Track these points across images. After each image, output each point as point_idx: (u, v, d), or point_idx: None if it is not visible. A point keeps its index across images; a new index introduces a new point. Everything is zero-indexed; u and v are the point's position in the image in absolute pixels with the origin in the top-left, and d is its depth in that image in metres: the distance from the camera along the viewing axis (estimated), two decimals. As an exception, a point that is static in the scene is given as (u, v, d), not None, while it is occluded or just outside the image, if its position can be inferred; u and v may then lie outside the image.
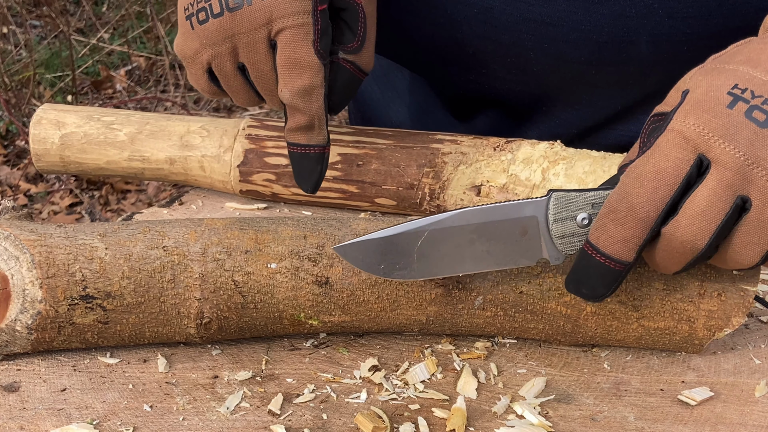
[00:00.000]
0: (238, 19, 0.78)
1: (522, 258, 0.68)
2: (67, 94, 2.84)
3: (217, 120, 1.02)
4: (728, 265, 0.65)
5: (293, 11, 0.78)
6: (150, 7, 2.88)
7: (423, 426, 0.67)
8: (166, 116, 1.03)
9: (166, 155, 0.99)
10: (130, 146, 0.99)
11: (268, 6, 0.78)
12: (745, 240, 0.62)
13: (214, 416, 0.67)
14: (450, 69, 1.00)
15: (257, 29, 0.79)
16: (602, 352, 0.77)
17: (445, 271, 0.69)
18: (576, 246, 0.66)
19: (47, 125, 1.00)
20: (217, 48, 0.80)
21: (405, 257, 0.68)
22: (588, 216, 0.66)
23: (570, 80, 0.95)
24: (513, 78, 0.98)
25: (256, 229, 0.73)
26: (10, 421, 0.66)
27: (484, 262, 0.68)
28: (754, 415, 0.69)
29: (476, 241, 0.67)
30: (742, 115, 0.61)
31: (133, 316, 0.71)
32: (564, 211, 0.66)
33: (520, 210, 0.67)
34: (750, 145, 0.60)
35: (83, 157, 1.00)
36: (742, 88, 0.62)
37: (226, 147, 0.98)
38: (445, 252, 0.68)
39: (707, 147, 0.61)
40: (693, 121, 0.62)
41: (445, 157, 0.93)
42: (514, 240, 0.67)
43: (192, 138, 0.99)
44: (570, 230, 0.66)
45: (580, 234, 0.66)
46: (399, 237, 0.68)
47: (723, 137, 0.61)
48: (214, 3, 0.79)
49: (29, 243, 0.70)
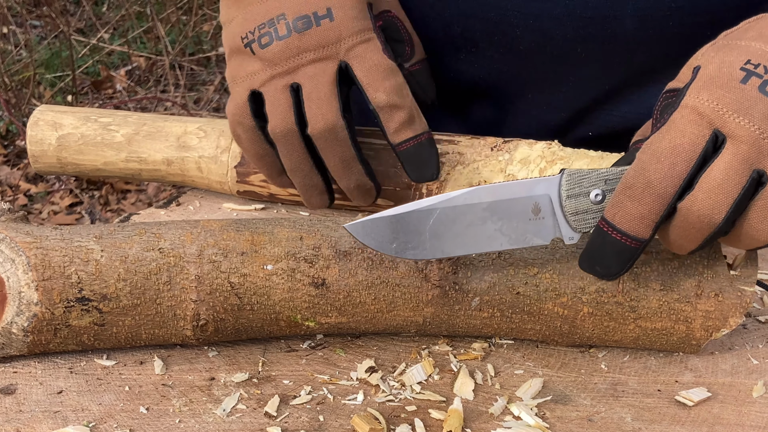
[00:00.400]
0: (307, 38, 0.83)
1: (535, 237, 0.68)
2: (67, 94, 2.84)
3: (214, 121, 1.01)
4: (743, 244, 0.65)
5: (360, 29, 0.84)
6: (150, 7, 2.88)
7: (420, 427, 0.67)
8: (163, 117, 1.02)
9: (163, 156, 0.99)
10: (127, 147, 0.99)
11: (337, 26, 0.84)
12: (763, 214, 0.62)
13: (211, 418, 0.67)
14: (439, 51, 1.00)
15: (326, 46, 0.84)
16: (599, 353, 0.77)
17: (458, 250, 0.68)
18: (590, 224, 0.66)
19: (44, 126, 1.00)
20: (278, 68, 0.84)
21: (417, 236, 0.68)
22: (602, 192, 0.66)
23: (556, 59, 0.96)
24: (500, 58, 0.98)
25: (252, 230, 0.73)
26: (6, 424, 0.65)
27: (497, 241, 0.68)
28: (752, 415, 0.69)
29: (488, 219, 0.67)
30: (756, 90, 0.61)
31: (129, 318, 0.71)
32: (577, 187, 0.66)
33: (532, 188, 0.67)
34: (765, 119, 0.60)
35: (80, 158, 1.00)
36: (755, 64, 0.63)
37: (223, 148, 0.97)
38: (457, 231, 0.67)
39: (722, 122, 0.61)
40: (707, 96, 0.62)
41: (442, 157, 0.93)
42: (527, 218, 0.67)
43: (189, 139, 0.98)
44: (584, 207, 0.66)
45: (593, 211, 0.66)
46: (411, 215, 0.68)
47: (737, 112, 0.61)
48: (280, 26, 0.84)
49: (25, 245, 0.69)
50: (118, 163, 1.00)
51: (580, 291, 0.72)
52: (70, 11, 3.36)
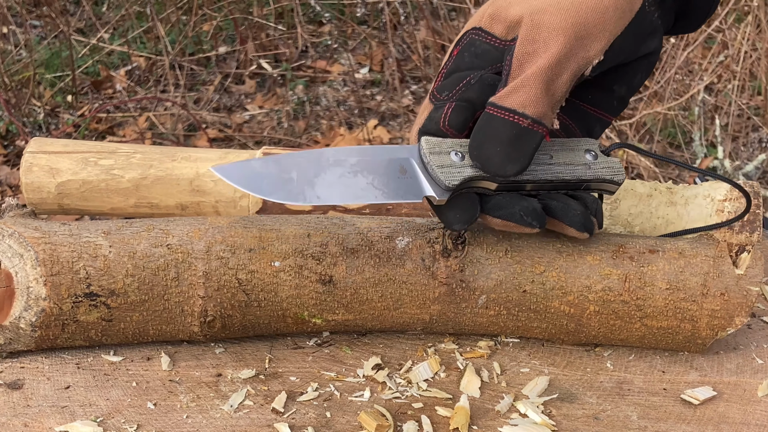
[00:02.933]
0: None
1: (407, 194, 0.67)
2: (67, 94, 2.84)
3: (226, 158, 0.93)
4: None
5: None
6: (150, 7, 2.88)
7: (426, 424, 0.67)
8: (169, 155, 0.94)
9: (176, 201, 0.92)
10: (135, 193, 0.92)
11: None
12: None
13: (218, 414, 0.67)
14: None
15: None
16: (605, 352, 0.77)
17: (333, 198, 0.66)
18: (457, 177, 0.66)
19: (40, 173, 0.92)
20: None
21: (289, 182, 0.66)
22: (461, 153, 0.67)
23: None
24: None
25: (259, 227, 0.73)
26: (14, 419, 0.66)
27: (371, 193, 0.67)
28: (757, 414, 0.69)
29: (359, 173, 0.67)
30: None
31: (136, 314, 0.71)
32: (437, 148, 0.67)
33: (394, 152, 0.68)
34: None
35: (85, 205, 0.93)
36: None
37: (242, 193, 0.90)
38: (329, 180, 0.66)
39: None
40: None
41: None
42: (396, 177, 0.67)
43: (203, 183, 0.91)
44: (448, 162, 0.67)
45: (458, 166, 0.66)
46: (281, 160, 0.66)
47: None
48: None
49: (33, 240, 0.70)
50: (127, 208, 0.93)
51: (587, 289, 0.72)
52: (70, 11, 3.36)
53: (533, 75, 0.64)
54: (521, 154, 0.65)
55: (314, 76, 2.94)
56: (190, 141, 2.62)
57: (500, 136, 0.65)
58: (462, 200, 0.68)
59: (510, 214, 0.67)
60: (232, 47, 3.07)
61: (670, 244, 0.74)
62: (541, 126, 0.65)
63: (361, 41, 3.13)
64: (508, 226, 0.68)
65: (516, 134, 0.64)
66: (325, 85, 2.92)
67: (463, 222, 0.68)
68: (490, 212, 0.68)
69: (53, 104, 2.79)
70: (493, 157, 0.65)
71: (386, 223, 0.74)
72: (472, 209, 0.68)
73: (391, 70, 2.87)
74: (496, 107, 0.65)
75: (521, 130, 0.64)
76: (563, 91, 0.66)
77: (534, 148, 0.65)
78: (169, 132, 2.62)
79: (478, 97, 0.68)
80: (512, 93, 0.65)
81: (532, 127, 0.65)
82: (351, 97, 2.83)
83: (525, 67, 0.66)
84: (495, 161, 0.65)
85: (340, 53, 3.04)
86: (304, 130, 2.68)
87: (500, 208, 0.68)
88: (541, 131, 0.65)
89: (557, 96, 0.66)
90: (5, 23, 3.07)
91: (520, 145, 0.65)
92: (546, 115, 0.65)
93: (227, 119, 2.72)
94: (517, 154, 0.65)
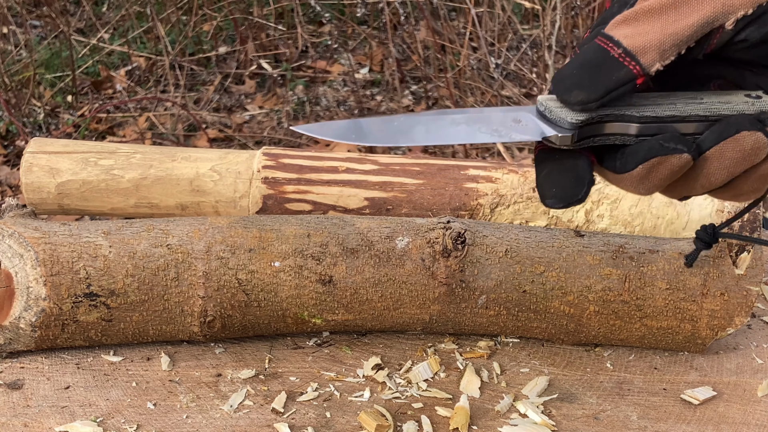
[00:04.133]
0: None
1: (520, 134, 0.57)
2: (67, 94, 2.84)
3: (226, 158, 0.93)
4: None
5: None
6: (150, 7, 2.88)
7: (426, 424, 0.67)
8: (169, 154, 0.94)
9: (176, 201, 0.92)
10: (135, 193, 0.92)
11: None
12: None
13: (218, 414, 0.67)
14: None
15: None
16: (605, 352, 0.77)
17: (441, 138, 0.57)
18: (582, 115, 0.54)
19: (40, 173, 0.92)
20: None
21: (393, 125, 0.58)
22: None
23: None
24: None
25: (259, 227, 0.73)
26: (14, 419, 0.66)
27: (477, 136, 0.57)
28: (757, 414, 0.69)
29: (462, 124, 0.58)
30: None
31: (136, 314, 0.71)
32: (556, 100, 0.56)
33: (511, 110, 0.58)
34: None
35: (85, 205, 0.94)
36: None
37: (242, 193, 0.90)
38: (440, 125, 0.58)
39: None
40: None
41: (481, 198, 0.87)
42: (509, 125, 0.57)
43: (203, 183, 0.91)
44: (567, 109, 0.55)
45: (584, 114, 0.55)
46: (371, 122, 0.58)
47: None
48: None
49: (33, 241, 0.70)
50: (127, 208, 0.93)
51: (587, 289, 0.72)
52: (70, 11, 3.36)
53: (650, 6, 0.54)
54: (595, 83, 0.53)
55: (314, 76, 2.94)
56: (190, 141, 2.62)
57: (584, 58, 0.54)
58: (565, 173, 0.56)
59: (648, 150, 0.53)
60: (232, 47, 3.07)
61: (670, 244, 0.74)
62: (634, 62, 0.53)
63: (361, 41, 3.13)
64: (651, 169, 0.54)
65: (600, 60, 0.54)
66: (325, 85, 2.92)
67: (559, 200, 0.55)
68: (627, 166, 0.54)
69: (53, 104, 2.79)
70: (566, 79, 0.54)
71: (386, 223, 0.74)
72: (575, 187, 0.55)
73: (391, 70, 2.87)
74: (601, 35, 0.55)
75: (607, 58, 0.54)
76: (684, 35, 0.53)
77: (615, 82, 0.53)
78: (169, 132, 2.62)
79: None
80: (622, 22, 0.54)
81: (621, 59, 0.53)
82: (351, 97, 2.83)
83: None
84: (565, 83, 0.54)
85: (340, 53, 3.04)
86: (305, 130, 2.67)
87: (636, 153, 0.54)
88: (632, 67, 0.53)
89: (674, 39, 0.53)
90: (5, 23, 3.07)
91: (598, 73, 0.54)
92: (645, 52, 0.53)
93: (227, 119, 2.72)
94: (590, 81, 0.53)
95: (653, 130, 0.55)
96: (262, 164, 0.90)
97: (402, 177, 0.89)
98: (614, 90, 0.54)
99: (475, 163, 0.90)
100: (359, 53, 3.15)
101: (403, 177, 0.89)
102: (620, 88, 0.53)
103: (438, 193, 0.88)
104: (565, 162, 0.55)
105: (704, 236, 0.69)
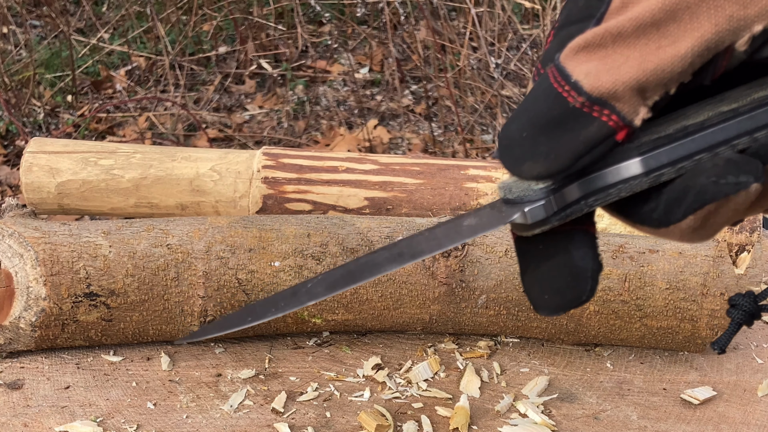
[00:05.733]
0: None
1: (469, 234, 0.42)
2: (67, 94, 2.84)
3: (226, 157, 0.93)
4: None
5: None
6: (150, 7, 2.88)
7: (426, 424, 0.67)
8: (169, 154, 0.93)
9: (176, 201, 0.92)
10: (135, 193, 0.92)
11: None
12: None
13: (218, 414, 0.67)
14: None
15: None
16: (605, 352, 0.77)
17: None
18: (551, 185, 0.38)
19: (40, 173, 0.91)
20: None
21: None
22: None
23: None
24: None
25: (259, 227, 0.73)
26: (14, 419, 0.66)
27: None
28: (757, 414, 0.69)
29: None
30: None
31: (136, 314, 0.71)
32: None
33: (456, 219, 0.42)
34: None
35: (85, 204, 0.93)
36: None
37: (242, 193, 0.90)
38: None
39: None
40: None
41: (481, 198, 0.87)
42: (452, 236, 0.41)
43: (203, 183, 0.90)
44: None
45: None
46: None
47: None
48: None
49: (33, 240, 0.70)
50: (127, 208, 0.93)
51: (587, 289, 0.72)
52: (70, 11, 3.36)
53: (621, 27, 0.37)
54: (556, 149, 0.37)
55: (314, 76, 2.94)
56: (190, 141, 2.62)
57: (534, 111, 0.38)
58: (556, 269, 0.40)
59: (699, 194, 0.37)
60: (232, 47, 3.07)
61: (670, 244, 0.74)
62: (608, 110, 0.37)
63: (361, 41, 3.13)
64: (707, 216, 0.37)
65: (558, 114, 0.38)
66: (325, 85, 2.92)
67: (556, 308, 0.40)
68: (671, 217, 0.38)
69: (53, 104, 2.79)
70: (514, 146, 0.38)
71: (386, 223, 0.74)
72: (574, 285, 0.40)
73: (391, 70, 2.87)
74: (556, 67, 0.38)
75: (567, 110, 0.37)
76: (672, 70, 0.36)
77: (584, 144, 0.37)
78: (169, 132, 2.62)
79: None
80: (582, 49, 0.38)
81: (588, 110, 0.37)
82: (351, 97, 2.83)
83: (628, 7, 0.38)
84: (513, 152, 0.38)
85: (340, 53, 3.04)
86: (304, 130, 2.68)
87: (680, 200, 0.37)
88: (605, 119, 0.37)
89: (658, 75, 0.36)
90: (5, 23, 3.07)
91: (557, 133, 0.38)
92: (619, 96, 0.37)
93: (227, 119, 2.72)
94: (548, 146, 0.38)
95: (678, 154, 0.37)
96: (262, 164, 0.90)
97: (402, 177, 0.89)
98: (585, 154, 0.38)
99: (475, 163, 0.90)
100: (359, 53, 3.15)
101: (403, 177, 0.89)
102: (593, 150, 0.37)
103: (438, 193, 0.88)
104: (552, 250, 0.40)
105: (745, 304, 0.51)
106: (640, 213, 0.39)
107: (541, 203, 0.38)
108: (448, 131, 2.48)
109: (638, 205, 0.39)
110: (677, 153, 0.37)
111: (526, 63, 2.61)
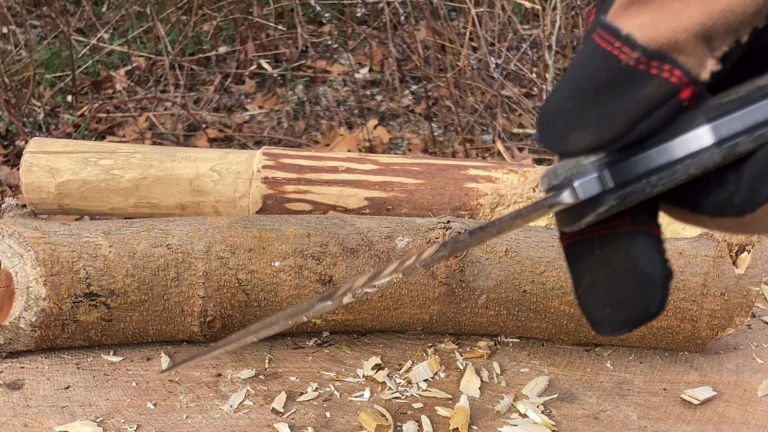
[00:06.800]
0: None
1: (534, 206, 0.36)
2: (67, 94, 2.84)
3: (226, 157, 0.93)
4: None
5: None
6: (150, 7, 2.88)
7: (426, 424, 0.67)
8: (170, 154, 0.94)
9: (176, 201, 0.92)
10: (135, 193, 0.92)
11: None
12: None
13: (218, 414, 0.67)
14: None
15: None
16: (605, 352, 0.77)
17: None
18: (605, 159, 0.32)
19: (40, 173, 0.91)
20: None
21: None
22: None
23: None
24: None
25: (259, 227, 0.73)
26: (14, 419, 0.66)
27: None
28: (757, 414, 0.69)
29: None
30: None
31: (136, 314, 0.71)
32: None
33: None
34: None
35: (85, 204, 0.93)
36: None
37: (242, 193, 0.90)
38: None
39: None
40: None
41: (481, 198, 0.87)
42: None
43: (203, 183, 0.91)
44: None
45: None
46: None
47: None
48: None
49: (33, 240, 0.70)
50: (127, 208, 0.93)
51: (587, 289, 0.72)
52: (70, 11, 3.36)
53: None
54: (609, 115, 0.31)
55: (314, 76, 2.94)
56: (190, 141, 2.62)
57: (581, 76, 0.32)
58: (617, 277, 0.33)
59: None
60: (232, 47, 3.07)
61: (670, 244, 0.74)
62: (669, 65, 0.31)
63: (361, 41, 3.13)
64: None
65: (607, 75, 0.32)
66: (325, 85, 2.92)
67: (621, 324, 0.33)
68: (756, 198, 0.30)
69: (53, 104, 2.79)
70: (556, 119, 0.32)
71: (386, 223, 0.74)
72: (641, 295, 0.33)
73: (391, 70, 2.87)
74: (602, 26, 0.32)
75: (619, 69, 0.31)
76: (753, 5, 0.30)
77: (642, 106, 0.31)
78: (169, 132, 2.62)
79: None
80: (631, 2, 0.32)
81: (643, 67, 0.31)
82: (351, 97, 2.83)
83: None
84: (557, 126, 0.32)
85: (340, 53, 3.04)
86: (304, 130, 2.68)
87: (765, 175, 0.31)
88: (667, 75, 0.31)
89: (727, 16, 0.31)
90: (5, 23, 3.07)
91: (609, 97, 0.31)
92: (682, 46, 0.31)
93: (227, 119, 2.72)
94: (598, 113, 0.31)
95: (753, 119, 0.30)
96: (262, 164, 0.90)
97: (402, 177, 0.89)
98: (644, 119, 0.31)
99: (475, 163, 0.90)
100: (359, 53, 3.15)
101: (403, 177, 0.89)
102: (653, 114, 0.31)
103: (438, 193, 0.88)
104: (613, 255, 0.33)
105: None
106: (717, 201, 0.31)
107: (594, 175, 0.31)
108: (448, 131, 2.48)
109: (712, 193, 0.32)
110: (754, 117, 0.30)
111: (526, 63, 2.61)
